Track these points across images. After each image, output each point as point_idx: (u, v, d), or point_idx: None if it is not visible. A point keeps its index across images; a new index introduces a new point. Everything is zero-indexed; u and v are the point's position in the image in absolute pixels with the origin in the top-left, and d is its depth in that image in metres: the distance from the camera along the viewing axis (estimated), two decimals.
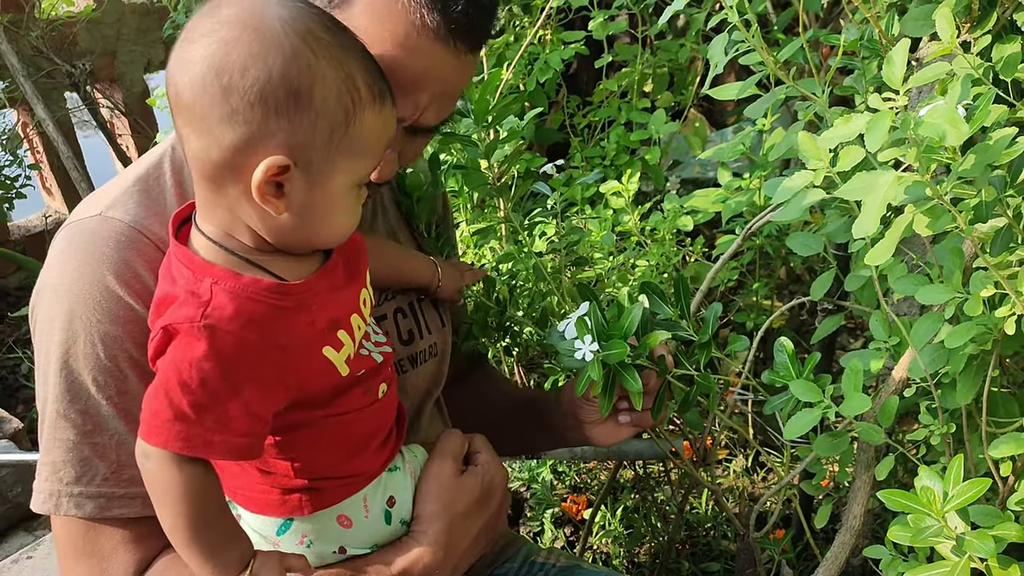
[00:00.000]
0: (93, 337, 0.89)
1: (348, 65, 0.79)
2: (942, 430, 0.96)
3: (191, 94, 0.76)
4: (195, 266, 0.82)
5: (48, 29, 3.43)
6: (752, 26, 1.05)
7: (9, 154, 3.45)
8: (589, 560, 2.07)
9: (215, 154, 0.77)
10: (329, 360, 0.86)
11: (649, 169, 2.14)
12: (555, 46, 2.19)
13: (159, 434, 0.79)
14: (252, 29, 0.75)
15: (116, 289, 0.89)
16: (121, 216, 0.93)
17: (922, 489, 0.80)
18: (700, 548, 2.11)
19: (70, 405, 0.91)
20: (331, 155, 0.79)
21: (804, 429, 0.96)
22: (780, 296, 2.55)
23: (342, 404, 0.90)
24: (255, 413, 0.81)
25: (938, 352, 0.91)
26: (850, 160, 0.72)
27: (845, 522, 1.10)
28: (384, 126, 0.83)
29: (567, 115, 2.31)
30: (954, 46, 0.76)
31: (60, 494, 0.92)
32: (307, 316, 0.84)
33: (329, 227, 0.84)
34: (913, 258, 1.01)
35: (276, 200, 0.79)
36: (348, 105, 0.78)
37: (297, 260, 0.86)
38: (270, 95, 0.75)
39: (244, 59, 0.74)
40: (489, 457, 1.08)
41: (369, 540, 0.97)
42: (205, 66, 0.75)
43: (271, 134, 0.76)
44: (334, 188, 0.81)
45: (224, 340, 0.78)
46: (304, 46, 0.76)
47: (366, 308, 0.94)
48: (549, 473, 2.35)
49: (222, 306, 0.78)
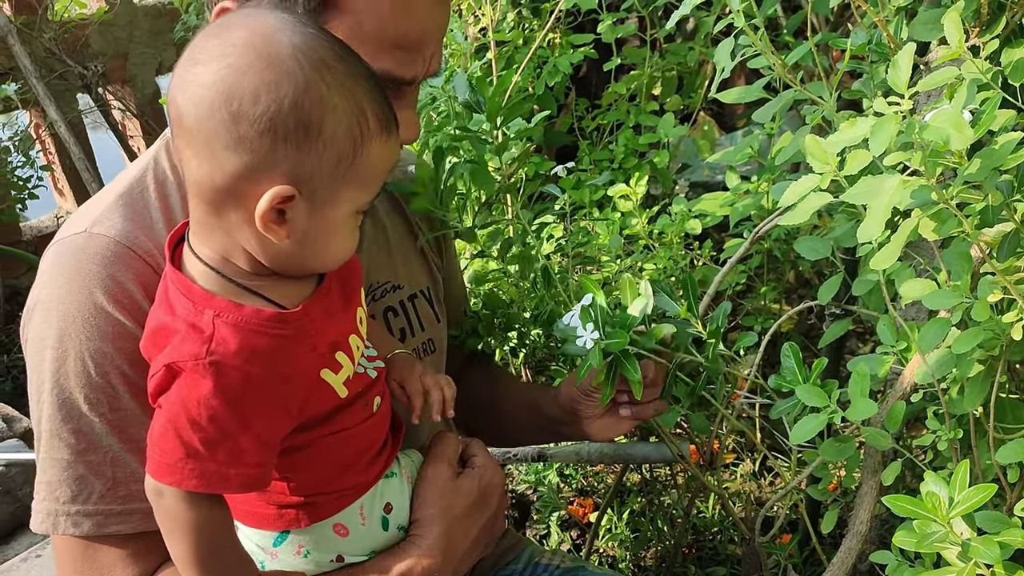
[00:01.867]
0: (83, 355, 0.89)
1: (358, 95, 0.78)
2: (949, 435, 0.95)
3: (196, 117, 0.75)
4: (195, 296, 0.81)
5: (61, 31, 3.45)
6: (760, 30, 1.05)
7: (22, 155, 3.47)
8: (595, 563, 2.07)
9: (218, 179, 0.76)
10: (328, 383, 0.86)
11: (657, 172, 2.14)
12: (564, 49, 2.19)
13: (173, 473, 0.79)
14: (264, 56, 0.74)
15: (105, 306, 0.89)
16: (106, 232, 0.92)
17: (928, 495, 0.80)
18: (706, 552, 2.10)
19: (63, 424, 0.90)
20: (336, 185, 0.79)
21: (810, 434, 0.96)
22: (788, 300, 2.54)
23: (339, 423, 0.89)
24: (266, 442, 0.82)
25: (946, 357, 0.91)
26: (857, 164, 0.72)
27: (851, 527, 1.09)
28: (389, 155, 0.83)
29: (576, 118, 2.31)
30: (963, 50, 0.76)
31: (57, 513, 0.92)
32: (308, 342, 0.84)
33: (329, 253, 0.84)
34: (921, 263, 1.01)
35: (278, 228, 0.78)
36: (357, 136, 0.78)
37: (293, 284, 0.85)
38: (280, 125, 0.74)
39: (256, 87, 0.73)
40: (485, 459, 1.07)
41: (367, 547, 0.97)
42: (214, 91, 0.74)
43: (277, 164, 0.75)
44: (336, 216, 0.81)
45: (230, 376, 0.77)
46: (317, 76, 0.75)
47: (363, 327, 0.93)
48: (555, 476, 2.35)
49: (226, 341, 0.78)
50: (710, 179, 2.66)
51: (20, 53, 3.18)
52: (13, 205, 3.45)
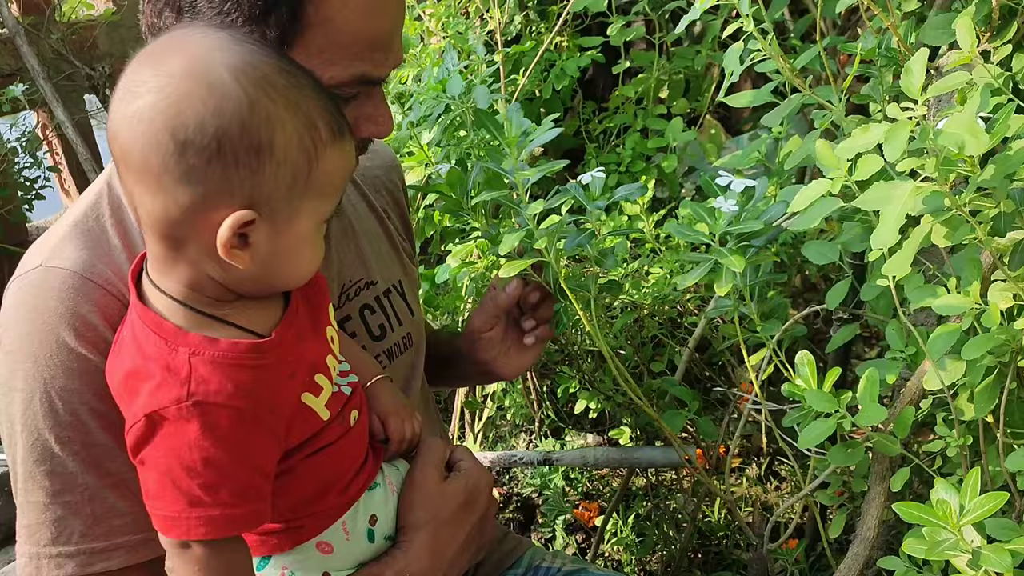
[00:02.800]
0: (50, 394, 0.87)
1: (306, 107, 0.76)
2: (959, 442, 0.95)
3: (143, 153, 0.73)
4: (166, 333, 0.79)
5: (68, 32, 3.46)
6: (769, 34, 1.05)
7: (29, 156, 3.48)
8: (600, 566, 2.07)
9: (173, 213, 0.75)
10: (311, 408, 0.85)
11: (664, 176, 2.14)
12: (572, 52, 2.18)
13: (179, 525, 0.77)
14: (204, 82, 0.72)
15: (68, 341, 0.87)
16: (62, 264, 0.90)
17: (938, 502, 0.79)
18: (712, 557, 2.10)
19: (36, 466, 0.88)
20: (295, 201, 0.77)
21: (819, 439, 0.96)
22: (795, 304, 2.53)
23: (318, 441, 0.88)
24: (266, 473, 0.81)
25: (955, 363, 0.91)
26: (868, 169, 0.71)
27: (859, 533, 1.09)
28: (345, 161, 0.81)
29: (583, 121, 2.30)
30: (974, 55, 0.76)
31: (39, 556, 0.90)
32: (287, 370, 0.82)
33: (296, 269, 0.83)
34: (930, 268, 1.00)
35: (242, 253, 0.76)
36: (310, 148, 0.76)
37: (260, 307, 0.84)
38: (230, 150, 0.72)
39: (199, 115, 0.71)
40: (472, 463, 1.06)
41: (353, 561, 0.95)
42: (158, 124, 0.72)
43: (232, 189, 0.74)
44: (300, 231, 0.79)
45: (216, 415, 0.76)
46: (261, 94, 0.73)
47: (335, 346, 0.92)
48: (561, 479, 2.35)
49: (205, 380, 0.76)
50: None
51: (28, 54, 3.19)
52: (20, 206, 3.45)
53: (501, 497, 2.36)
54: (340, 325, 1.12)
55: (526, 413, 2.51)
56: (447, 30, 1.98)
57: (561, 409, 2.59)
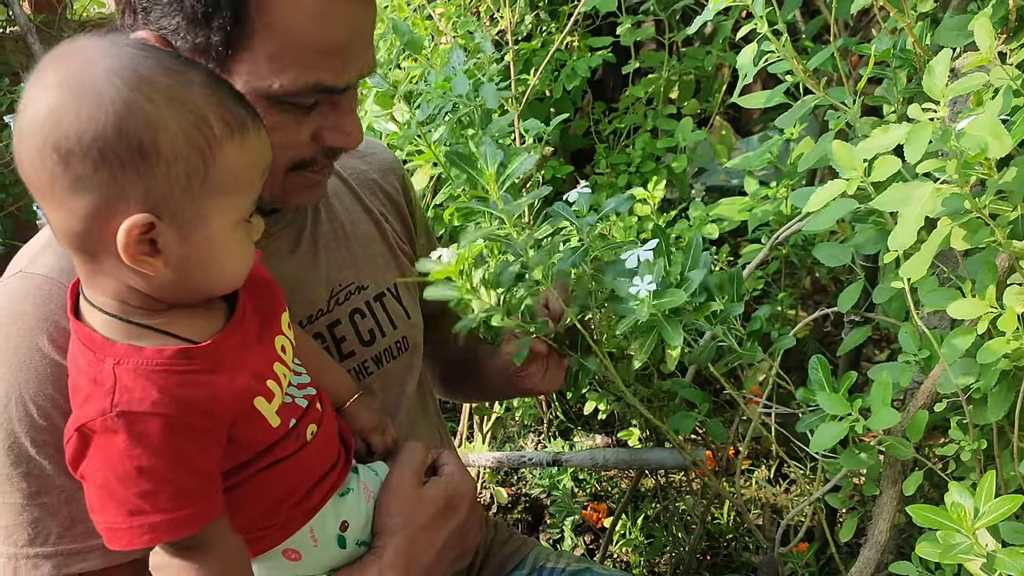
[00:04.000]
0: (24, 399, 0.87)
1: (193, 103, 0.74)
2: (973, 446, 0.94)
3: (33, 169, 0.73)
4: (95, 345, 0.78)
5: (79, 30, 3.46)
6: (783, 35, 1.05)
7: None
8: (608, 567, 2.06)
9: (76, 226, 0.74)
10: (260, 412, 0.83)
11: (674, 177, 2.13)
12: (582, 52, 2.18)
13: (123, 536, 0.76)
14: (77, 89, 0.71)
15: (42, 346, 0.87)
16: (39, 270, 0.91)
17: (953, 505, 0.79)
18: (721, 559, 2.09)
19: (12, 468, 0.88)
20: (197, 200, 0.75)
21: (831, 442, 0.95)
22: (804, 306, 2.53)
23: (270, 455, 0.86)
24: (206, 473, 0.79)
25: (969, 367, 0.90)
26: (886, 170, 0.71)
27: (871, 537, 1.08)
28: (251, 155, 0.79)
29: (592, 121, 2.30)
30: (992, 56, 0.75)
31: (17, 557, 0.90)
32: (224, 376, 0.80)
33: (219, 272, 0.81)
34: (944, 271, 1.00)
35: (152, 259, 0.75)
36: (202, 145, 0.74)
37: (199, 315, 0.82)
38: (112, 155, 0.71)
39: (74, 123, 0.70)
40: (454, 468, 1.04)
41: (323, 567, 0.94)
42: (39, 138, 0.71)
43: (123, 194, 0.72)
44: (212, 232, 0.77)
45: (143, 424, 0.74)
46: (137, 95, 0.71)
47: (287, 355, 0.90)
48: (570, 480, 2.35)
49: (129, 389, 0.75)
50: (726, 184, 2.65)
51: (39, 52, 3.19)
52: (30, 203, 3.46)
53: (509, 498, 2.36)
54: (330, 330, 1.11)
55: (535, 414, 2.51)
56: (457, 29, 1.98)
57: (570, 410, 2.58)
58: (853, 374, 0.98)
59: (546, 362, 1.19)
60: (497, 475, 2.42)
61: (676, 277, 1.04)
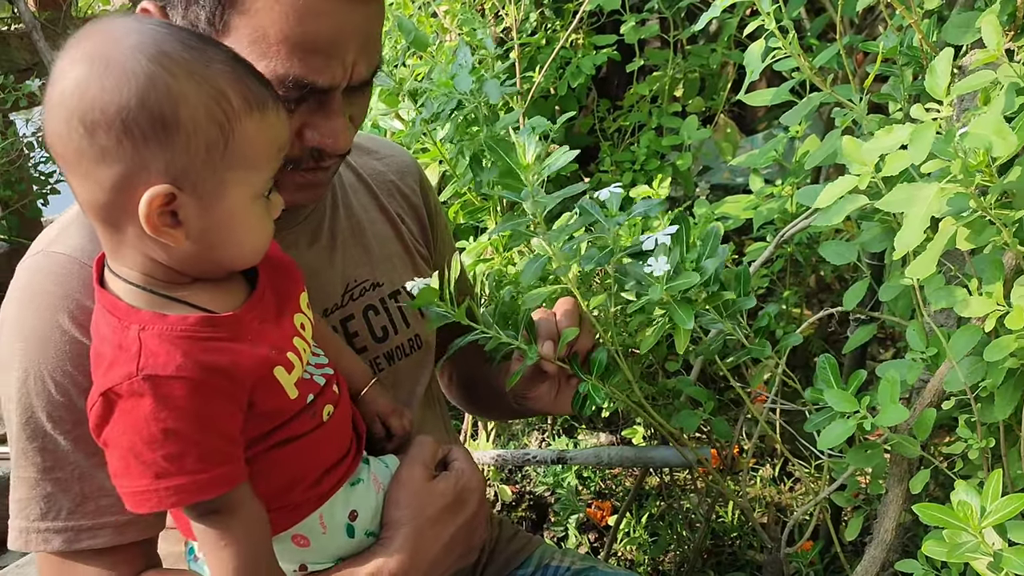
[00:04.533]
0: (43, 374, 0.89)
1: (213, 80, 0.77)
2: (980, 444, 0.94)
3: (60, 141, 0.76)
4: (120, 312, 0.80)
5: None
6: (789, 33, 1.04)
7: (45, 151, 3.50)
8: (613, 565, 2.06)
9: (101, 197, 0.77)
10: (279, 381, 0.84)
11: (679, 175, 2.13)
12: (587, 50, 2.18)
13: (149, 499, 0.78)
14: (102, 62, 0.74)
15: (62, 323, 0.89)
16: (62, 249, 0.93)
17: (959, 504, 0.79)
18: (726, 557, 2.09)
19: (28, 443, 0.91)
20: (217, 173, 0.78)
21: (838, 440, 0.95)
22: (809, 304, 2.52)
23: (285, 432, 0.87)
24: (230, 437, 0.81)
25: (977, 365, 0.90)
26: (896, 166, 0.70)
27: (876, 536, 1.08)
28: (270, 132, 0.81)
29: (597, 119, 2.30)
30: (1000, 54, 0.75)
31: (28, 530, 0.92)
32: (246, 345, 0.82)
33: (238, 245, 0.83)
34: (951, 269, 1.00)
35: (173, 230, 0.77)
36: (221, 119, 0.77)
37: (221, 290, 0.85)
38: (135, 126, 0.73)
39: (100, 95, 0.73)
40: (465, 464, 1.04)
41: (331, 555, 0.95)
42: (66, 110, 0.74)
43: (148, 165, 0.75)
44: (231, 205, 0.80)
45: (169, 387, 0.76)
46: (159, 69, 0.74)
47: (306, 331, 0.91)
48: (574, 478, 2.34)
49: (154, 353, 0.77)
50: (730, 182, 2.65)
51: (44, 49, 3.20)
52: (35, 200, 3.47)
53: (513, 495, 2.36)
54: (343, 324, 1.12)
55: None
56: (462, 27, 1.98)
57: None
58: (863, 372, 0.98)
59: (557, 383, 1.16)
60: (501, 473, 2.42)
61: (692, 264, 1.03)
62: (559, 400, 1.17)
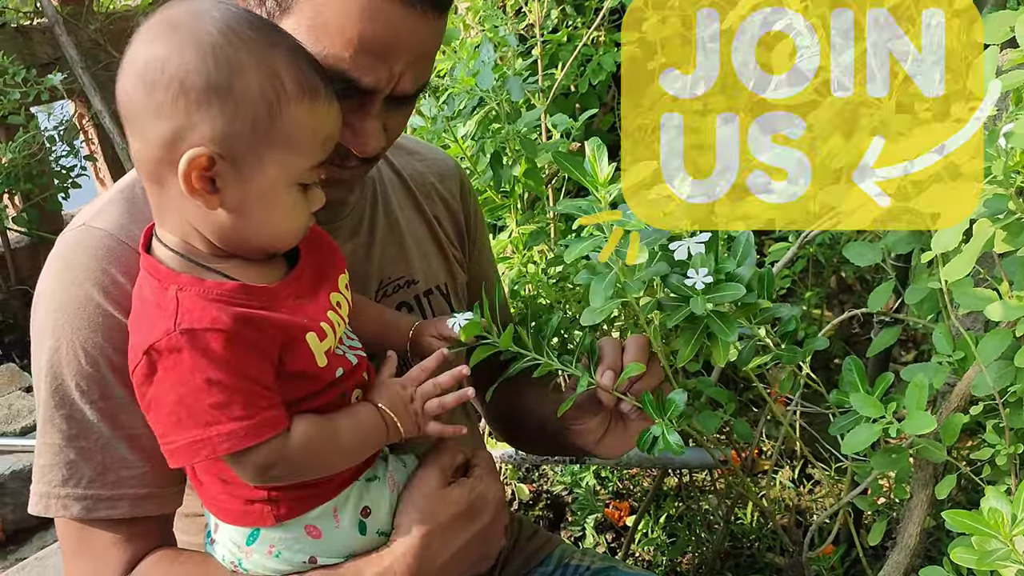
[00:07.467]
0: (75, 345, 0.91)
1: (271, 59, 0.80)
2: (1009, 450, 0.93)
3: (126, 97, 0.80)
4: (160, 275, 0.84)
5: (106, 22, 3.49)
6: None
7: (66, 144, 3.52)
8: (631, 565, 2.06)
9: (149, 152, 0.80)
10: (309, 346, 0.85)
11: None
12: (608, 47, 2.17)
13: (204, 447, 0.80)
14: (174, 27, 0.79)
15: (95, 297, 0.91)
16: (101, 225, 0.95)
17: (989, 511, 0.77)
18: (745, 560, 2.08)
19: (55, 411, 0.93)
20: (257, 147, 0.80)
21: (863, 445, 0.93)
22: (829, 306, 2.51)
23: (314, 403, 0.88)
24: (268, 386, 0.83)
25: (1005, 369, 0.89)
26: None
27: (900, 541, 1.07)
28: (318, 121, 0.84)
29: (617, 116, 2.29)
30: None
31: (49, 496, 0.94)
32: (279, 314, 0.84)
33: (270, 226, 0.85)
34: (980, 272, 0.98)
35: (208, 195, 0.80)
36: (271, 97, 0.80)
37: (260, 268, 0.87)
38: (191, 87, 0.77)
39: (164, 54, 0.78)
40: (484, 472, 1.04)
41: (342, 550, 0.95)
42: (134, 68, 0.79)
43: (194, 126, 0.78)
44: (266, 183, 0.82)
45: (206, 339, 0.79)
46: (224, 39, 0.78)
47: (342, 309, 0.93)
48: (592, 478, 2.34)
49: (191, 310, 0.80)
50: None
51: (66, 43, 3.22)
52: (56, 194, 3.49)
53: (531, 494, 2.36)
54: None
55: None
56: (484, 24, 1.98)
57: None
58: (890, 376, 0.96)
59: (607, 421, 1.09)
60: (519, 471, 2.41)
61: (725, 273, 0.98)
62: (605, 441, 1.10)
